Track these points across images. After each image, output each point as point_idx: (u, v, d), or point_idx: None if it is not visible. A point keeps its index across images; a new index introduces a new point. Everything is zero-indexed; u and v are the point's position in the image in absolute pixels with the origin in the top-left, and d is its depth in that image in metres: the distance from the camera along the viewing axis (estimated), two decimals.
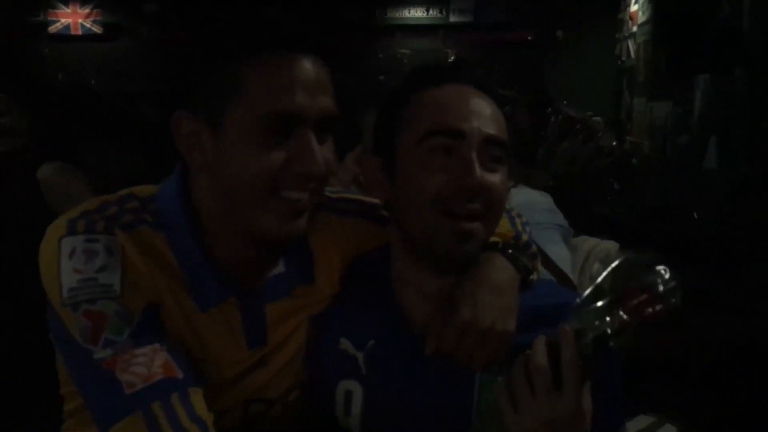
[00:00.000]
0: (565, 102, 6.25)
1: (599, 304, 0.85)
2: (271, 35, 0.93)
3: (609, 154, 3.64)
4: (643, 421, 2.20)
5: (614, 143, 3.92)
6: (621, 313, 0.83)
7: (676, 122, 5.16)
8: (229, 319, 1.01)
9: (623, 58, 6.84)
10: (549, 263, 1.87)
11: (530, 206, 2.44)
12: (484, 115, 1.00)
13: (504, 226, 1.12)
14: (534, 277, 1.11)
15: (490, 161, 0.99)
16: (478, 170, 0.96)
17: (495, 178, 0.99)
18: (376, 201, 1.18)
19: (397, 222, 1.06)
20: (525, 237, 1.15)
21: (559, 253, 2.27)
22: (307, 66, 0.93)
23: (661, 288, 0.83)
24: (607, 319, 0.84)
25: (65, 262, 0.91)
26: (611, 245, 3.24)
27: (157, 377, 0.87)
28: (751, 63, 3.96)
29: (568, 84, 6.50)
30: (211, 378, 0.99)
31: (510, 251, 1.08)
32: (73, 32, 8.15)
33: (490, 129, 0.99)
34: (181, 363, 0.90)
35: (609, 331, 0.84)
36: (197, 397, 0.89)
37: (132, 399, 0.86)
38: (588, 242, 3.22)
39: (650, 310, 0.83)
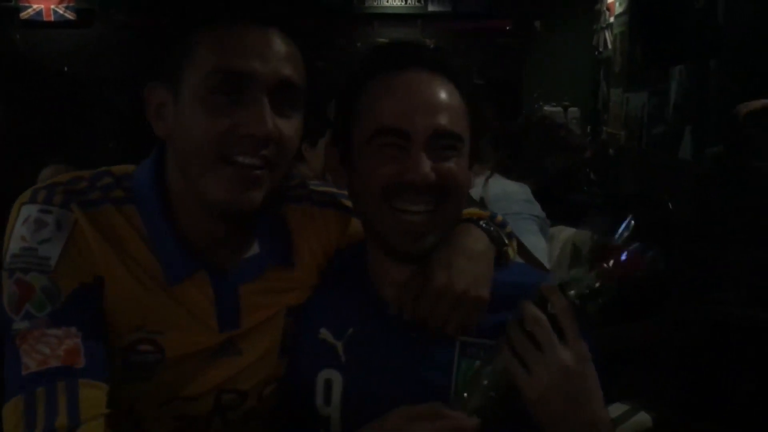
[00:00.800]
0: (540, 103, 6.29)
1: (577, 260, 0.88)
2: (225, 4, 0.95)
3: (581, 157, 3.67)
4: (617, 409, 2.23)
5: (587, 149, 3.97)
6: (600, 267, 0.86)
7: (651, 113, 5.20)
8: (201, 299, 1.00)
9: (600, 49, 6.88)
10: (525, 252, 1.87)
11: (507, 196, 2.45)
12: (433, 106, 0.98)
13: (478, 211, 1.13)
14: (510, 252, 1.11)
15: (442, 151, 0.98)
16: (423, 167, 0.96)
17: (449, 165, 0.98)
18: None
19: (356, 210, 1.08)
20: (500, 218, 1.16)
21: (536, 243, 2.28)
22: (264, 35, 0.94)
23: (629, 237, 0.86)
24: (589, 272, 0.86)
25: (18, 227, 0.93)
26: (585, 234, 3.28)
27: (53, 363, 0.87)
28: (725, 54, 4.00)
29: (546, 74, 6.53)
30: (178, 360, 0.98)
31: (484, 224, 1.10)
32: (45, 18, 8.00)
33: (441, 120, 0.97)
34: (94, 353, 0.90)
35: (589, 288, 0.86)
36: (91, 392, 0.88)
37: (23, 380, 0.86)
38: (565, 232, 3.25)
39: (626, 269, 0.85)
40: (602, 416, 0.89)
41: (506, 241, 1.11)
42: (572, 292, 0.87)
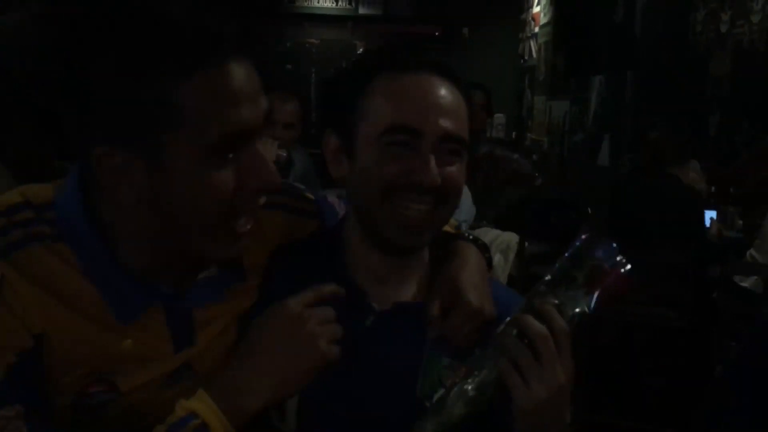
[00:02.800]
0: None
1: (573, 282, 0.89)
2: (204, 48, 0.79)
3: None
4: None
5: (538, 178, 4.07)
6: (594, 291, 0.88)
7: (572, 121, 5.40)
8: (154, 325, 0.92)
9: (526, 58, 7.08)
10: None
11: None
12: (444, 108, 1.00)
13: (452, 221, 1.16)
14: (491, 271, 1.17)
15: (448, 155, 1.00)
16: (433, 168, 0.97)
17: (452, 170, 1.00)
18: (299, 190, 1.18)
19: (352, 202, 1.07)
20: (466, 230, 1.21)
21: None
22: (243, 72, 0.82)
23: (619, 261, 0.88)
24: (585, 296, 0.88)
25: None
26: (511, 237, 3.36)
27: None
28: (641, 66, 4.19)
29: (473, 80, 6.66)
30: (133, 392, 0.91)
31: (480, 242, 1.14)
32: None
33: (449, 124, 0.99)
34: (39, 428, 0.80)
35: (584, 310, 0.88)
36: None
37: None
38: (489, 234, 3.33)
39: (616, 284, 0.88)
40: (568, 419, 0.94)
41: (492, 262, 1.17)
42: (570, 313, 0.88)
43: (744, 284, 2.98)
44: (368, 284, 1.07)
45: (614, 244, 0.89)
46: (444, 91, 1.01)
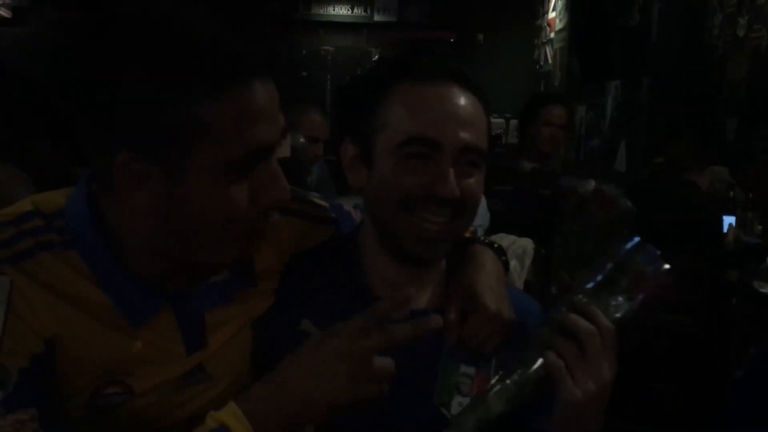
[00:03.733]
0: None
1: (616, 288, 0.90)
2: (230, 67, 0.81)
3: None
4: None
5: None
6: (637, 296, 0.89)
7: (589, 126, 5.38)
8: (166, 328, 0.94)
9: (541, 63, 7.06)
10: None
11: None
12: (463, 120, 0.99)
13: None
14: (509, 275, 1.17)
15: (467, 166, 1.00)
16: (452, 180, 0.97)
17: (470, 182, 1.00)
18: (313, 198, 1.18)
19: (369, 210, 1.07)
20: (481, 234, 1.21)
21: None
22: (264, 90, 0.84)
23: (659, 266, 0.89)
24: (627, 301, 0.89)
25: None
26: (527, 242, 3.35)
27: None
28: (657, 71, 4.17)
29: (488, 86, 6.64)
30: (147, 393, 0.92)
31: (495, 246, 1.13)
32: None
33: (468, 136, 0.99)
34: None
35: (627, 314, 0.89)
36: None
37: None
38: (505, 239, 3.32)
39: (657, 289, 0.89)
40: (602, 419, 0.94)
41: (509, 266, 1.17)
42: (612, 318, 0.89)
43: (764, 290, 2.94)
44: (384, 292, 1.07)
45: (656, 250, 0.89)
46: (463, 102, 1.01)
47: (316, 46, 7.90)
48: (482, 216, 2.60)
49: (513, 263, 3.22)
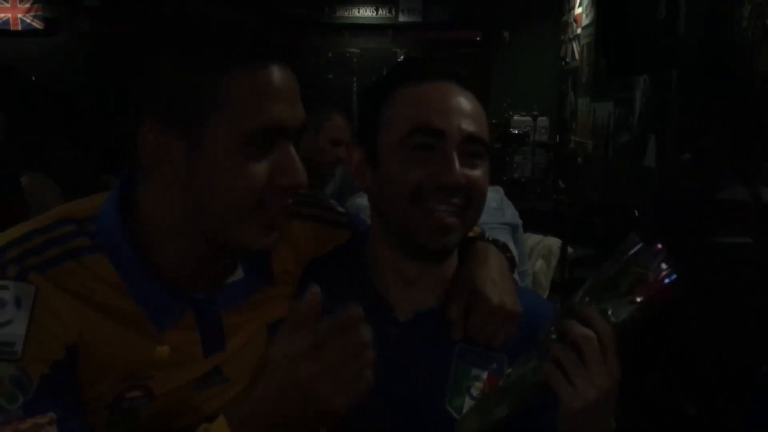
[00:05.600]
0: (510, 112, 6.28)
1: (616, 290, 0.89)
2: (253, 45, 0.88)
3: None
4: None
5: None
6: (638, 300, 0.88)
7: (617, 122, 5.31)
8: (186, 330, 0.96)
9: (567, 60, 6.99)
10: None
11: None
12: (464, 112, 1.02)
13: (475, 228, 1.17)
14: (527, 271, 1.18)
15: (470, 157, 1.02)
16: (457, 168, 1.00)
17: (475, 173, 1.03)
18: (330, 203, 1.20)
19: (378, 212, 1.09)
20: (487, 234, 1.20)
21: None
22: (284, 75, 0.90)
23: (664, 269, 0.88)
24: (629, 305, 0.89)
25: None
26: (554, 241, 3.33)
27: None
28: (686, 64, 4.10)
29: (515, 84, 6.62)
30: (166, 395, 0.94)
31: (500, 243, 1.16)
32: (12, 28, 7.90)
33: (471, 127, 1.02)
34: None
35: (627, 317, 0.89)
36: None
37: None
38: (531, 239, 3.30)
39: (661, 293, 0.88)
40: (613, 425, 0.94)
41: (514, 260, 1.18)
42: (613, 321, 0.89)
43: None
44: (393, 293, 1.08)
45: (661, 252, 0.88)
46: (462, 98, 1.04)
47: (342, 49, 7.92)
48: (490, 210, 2.58)
49: (539, 263, 3.21)
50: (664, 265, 0.88)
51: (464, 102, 1.03)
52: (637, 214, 3.92)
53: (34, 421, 0.82)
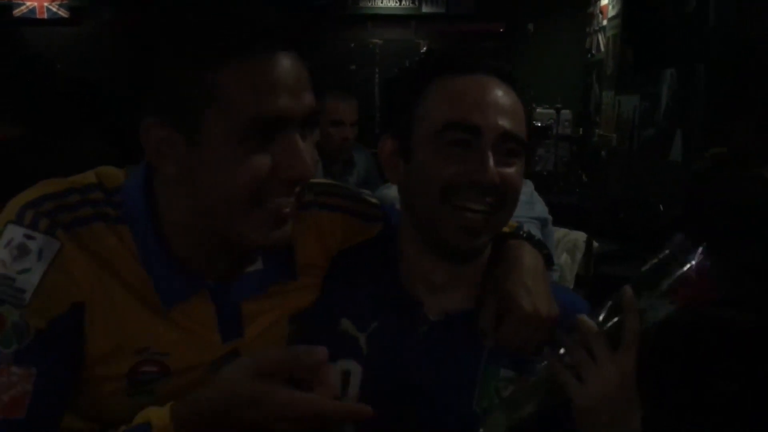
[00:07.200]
0: (533, 105, 6.28)
1: (656, 289, 0.87)
2: (249, 36, 0.86)
3: None
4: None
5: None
6: (679, 300, 0.87)
7: (642, 116, 5.24)
8: (202, 315, 0.98)
9: (593, 52, 6.91)
10: None
11: None
12: (502, 108, 0.99)
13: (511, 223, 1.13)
14: (555, 268, 1.15)
15: (506, 155, 0.99)
16: (492, 166, 0.96)
17: (510, 171, 0.99)
18: (363, 195, 1.19)
19: (408, 207, 1.06)
20: (526, 228, 1.16)
21: None
22: (287, 64, 0.87)
23: (706, 269, 0.86)
24: (669, 304, 0.87)
25: (0, 249, 0.88)
26: (579, 235, 3.30)
27: None
28: (714, 58, 4.03)
29: (539, 76, 6.56)
30: (182, 373, 0.96)
31: (536, 239, 1.11)
32: (38, 16, 7.97)
33: (508, 124, 0.98)
34: (44, 404, 0.87)
35: (665, 316, 0.87)
36: None
37: None
38: (557, 232, 3.28)
39: (702, 293, 0.86)
40: (637, 425, 0.91)
41: (551, 256, 1.14)
42: (652, 320, 0.88)
43: None
44: (422, 293, 1.06)
45: (702, 252, 0.87)
46: (502, 92, 1.00)
47: (365, 39, 7.90)
48: (542, 210, 2.57)
49: (564, 257, 3.18)
50: (707, 265, 0.86)
51: (503, 97, 1.00)
52: (661, 208, 3.88)
53: (14, 369, 0.86)
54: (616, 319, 0.88)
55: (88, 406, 0.95)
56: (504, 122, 0.98)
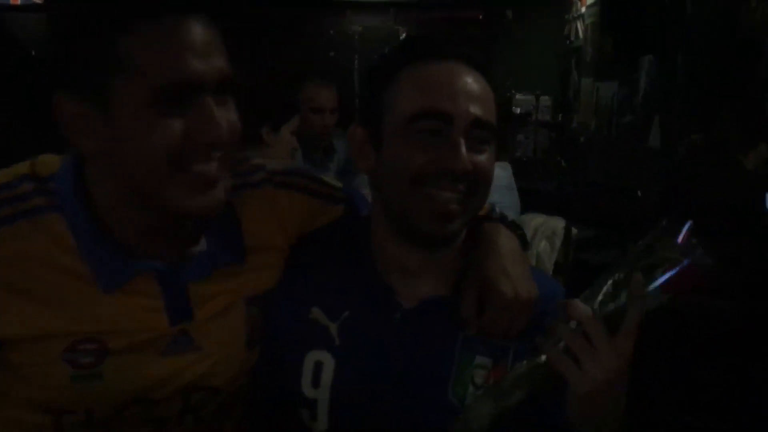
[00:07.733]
0: (512, 91, 6.24)
1: (649, 277, 0.87)
2: (142, 3, 0.84)
3: None
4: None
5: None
6: (671, 287, 0.86)
7: (621, 102, 5.28)
8: (145, 298, 0.97)
9: (572, 39, 6.93)
10: None
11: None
12: (472, 95, 0.98)
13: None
14: (529, 249, 1.14)
15: (477, 143, 0.99)
16: (464, 154, 0.96)
17: (482, 158, 0.99)
18: (325, 178, 1.17)
19: (379, 195, 1.06)
20: (498, 210, 1.16)
21: None
22: (196, 27, 0.85)
23: (698, 256, 0.86)
24: (661, 293, 0.86)
25: None
26: (558, 222, 3.32)
27: None
28: (692, 46, 4.07)
29: (518, 63, 6.57)
30: (124, 353, 0.95)
31: (509, 220, 1.11)
32: (11, 2, 7.83)
33: (478, 110, 0.97)
34: None
35: (659, 305, 0.87)
36: None
37: None
38: (535, 219, 3.30)
39: (694, 279, 0.86)
40: (623, 405, 0.92)
41: (526, 238, 1.13)
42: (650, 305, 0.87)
43: None
44: (395, 280, 1.05)
45: (693, 239, 0.86)
46: (471, 79, 0.99)
47: (344, 27, 7.85)
48: (501, 189, 2.56)
49: (543, 244, 3.20)
50: (698, 252, 0.86)
51: (472, 83, 0.99)
52: (640, 194, 3.91)
53: None
54: (612, 305, 0.87)
55: (38, 397, 0.94)
56: (475, 109, 0.97)
